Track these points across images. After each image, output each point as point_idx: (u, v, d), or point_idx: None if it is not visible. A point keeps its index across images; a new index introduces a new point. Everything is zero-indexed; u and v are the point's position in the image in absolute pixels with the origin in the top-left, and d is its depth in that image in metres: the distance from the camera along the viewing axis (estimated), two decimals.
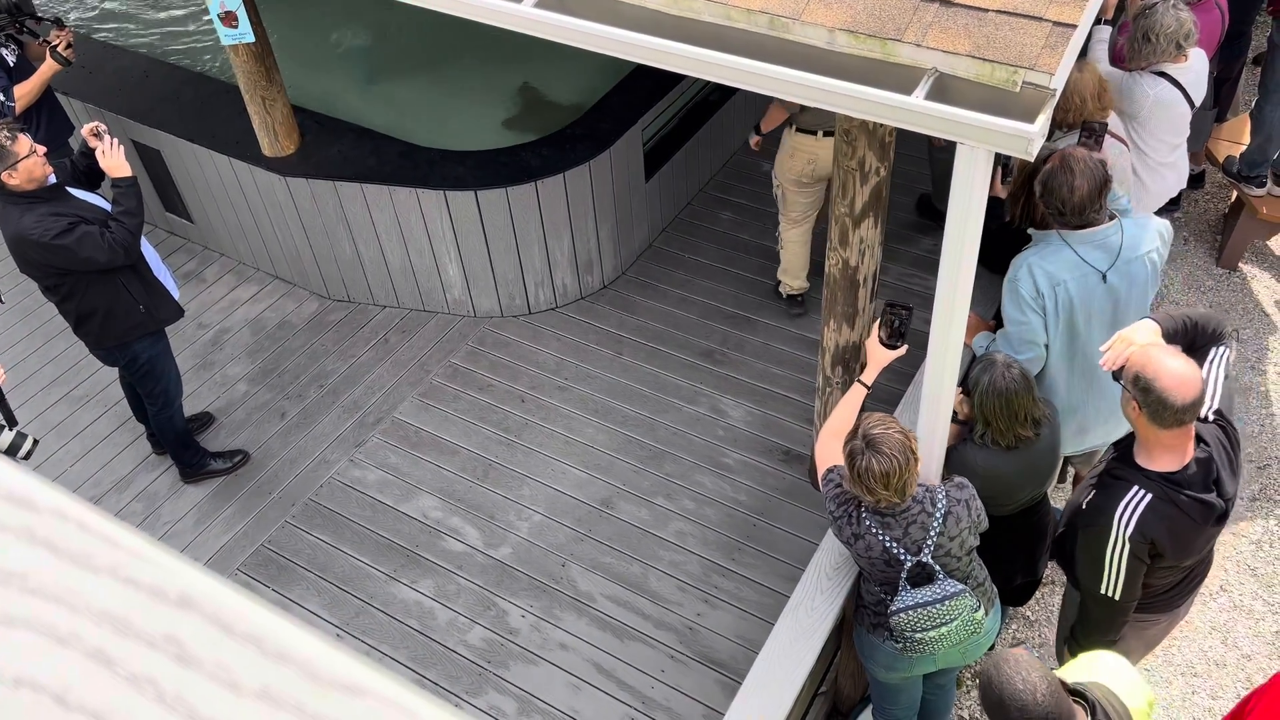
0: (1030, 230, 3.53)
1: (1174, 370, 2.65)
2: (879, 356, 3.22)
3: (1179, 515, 2.78)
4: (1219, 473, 2.79)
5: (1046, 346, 3.44)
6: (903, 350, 3.22)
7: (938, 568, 2.88)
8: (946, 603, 2.85)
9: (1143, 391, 2.69)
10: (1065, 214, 3.26)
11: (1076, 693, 2.36)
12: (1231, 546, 4.45)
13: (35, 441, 3.91)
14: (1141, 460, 2.84)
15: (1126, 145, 3.99)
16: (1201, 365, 2.97)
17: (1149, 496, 2.79)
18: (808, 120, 4.66)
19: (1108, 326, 3.40)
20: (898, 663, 3.17)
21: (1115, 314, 3.40)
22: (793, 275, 5.30)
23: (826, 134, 4.63)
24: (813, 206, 5.04)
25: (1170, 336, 2.98)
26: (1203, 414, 2.90)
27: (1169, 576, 3.01)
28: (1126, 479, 2.84)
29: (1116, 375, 2.84)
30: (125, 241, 3.95)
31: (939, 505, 2.87)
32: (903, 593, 2.88)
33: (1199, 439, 2.81)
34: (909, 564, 2.87)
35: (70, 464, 5.04)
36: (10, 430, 3.86)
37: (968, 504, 2.91)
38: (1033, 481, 3.24)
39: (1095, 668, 2.58)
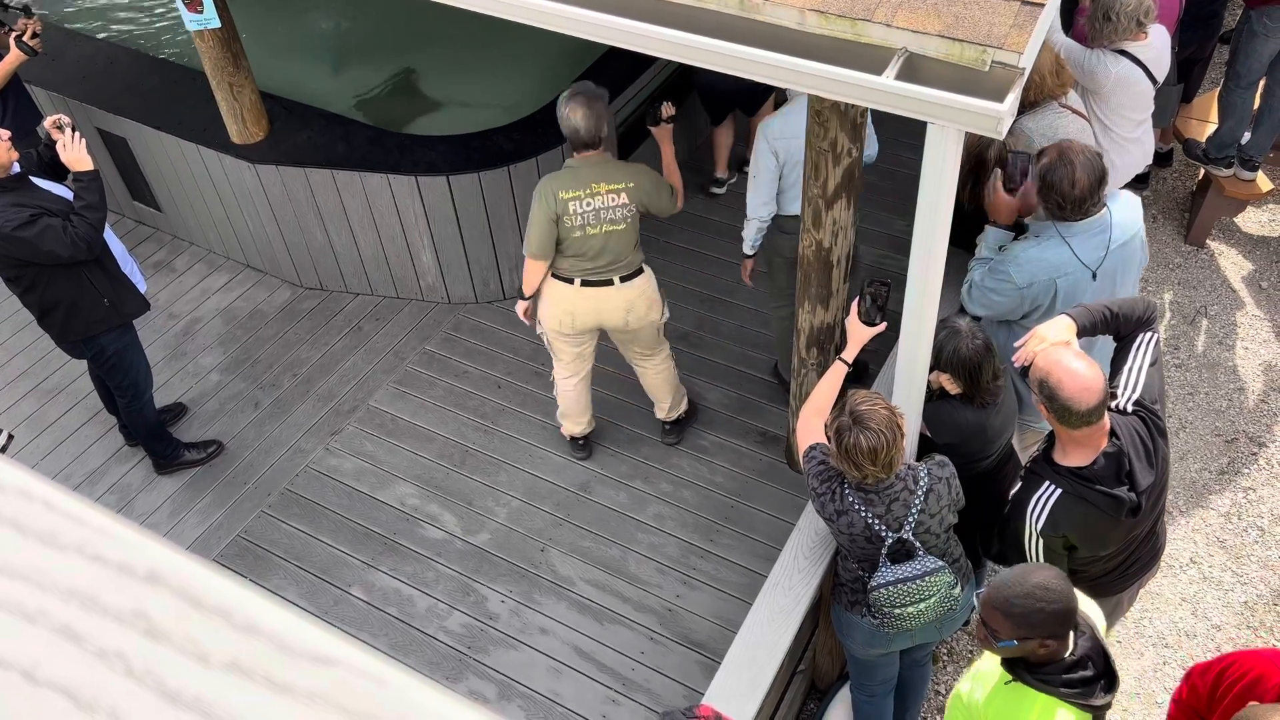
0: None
1: (1076, 375, 2.70)
2: (859, 333, 3.23)
3: (1088, 509, 2.84)
4: (1131, 465, 2.83)
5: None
6: (882, 327, 3.23)
7: (918, 544, 2.92)
8: (926, 579, 2.89)
9: (1048, 398, 2.75)
10: (1065, 207, 3.29)
11: None
12: (1201, 519, 4.53)
13: (10, 436, 3.87)
14: (1056, 455, 2.89)
15: (1088, 120, 4.04)
16: (1127, 352, 3.02)
17: (1058, 492, 2.85)
18: (565, 266, 4.03)
19: None
20: (875, 639, 3.21)
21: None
22: (572, 420, 4.62)
23: (586, 283, 4.03)
24: (584, 358, 4.39)
25: (1089, 330, 3.02)
26: (1120, 405, 2.94)
27: (1098, 565, 3.06)
28: (1040, 474, 2.91)
29: (1024, 372, 2.89)
30: (88, 236, 3.89)
31: (921, 483, 2.91)
32: (883, 568, 2.92)
33: (1112, 432, 2.84)
34: (890, 541, 2.91)
35: (41, 457, 4.98)
36: None
37: (948, 482, 2.96)
38: (1007, 426, 3.34)
39: None
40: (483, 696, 3.97)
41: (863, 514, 2.90)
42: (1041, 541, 2.91)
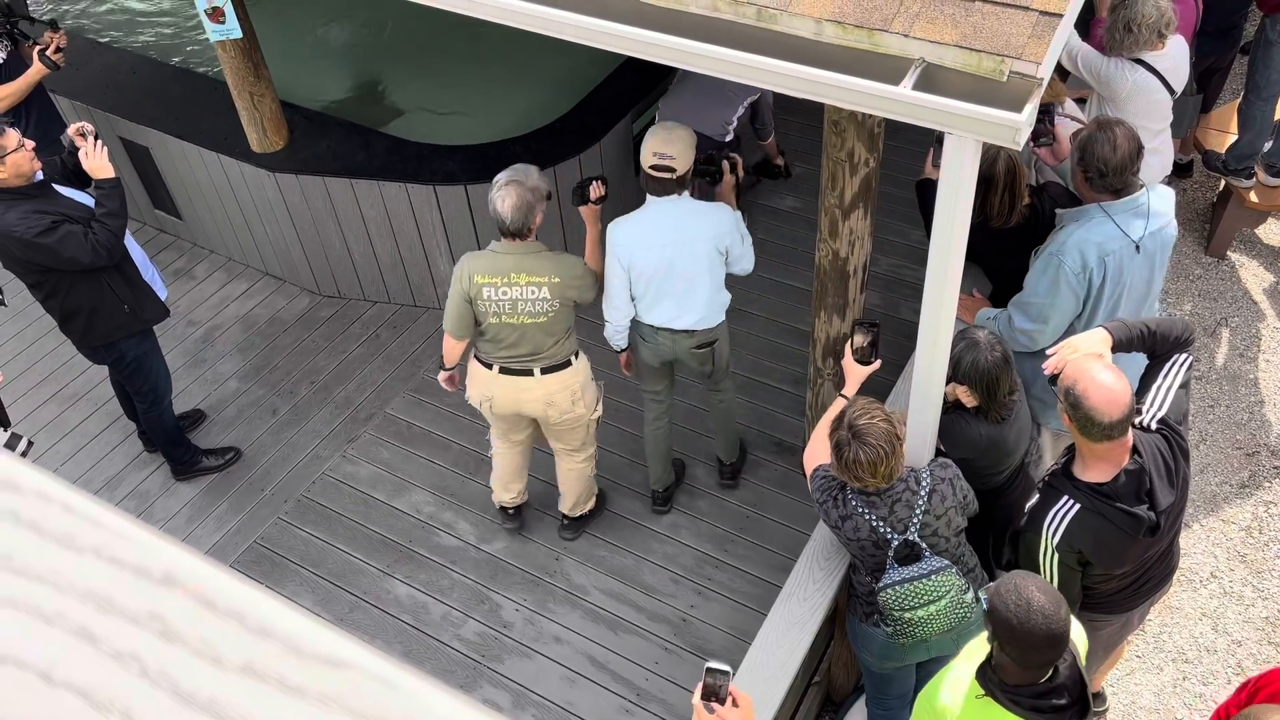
0: (1059, 210, 3.56)
1: (1103, 387, 2.68)
2: (856, 373, 3.33)
3: (1106, 526, 2.81)
4: (1152, 484, 2.80)
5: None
6: (877, 365, 3.33)
7: (925, 547, 2.91)
8: (933, 577, 2.88)
9: (1072, 406, 2.73)
10: (1107, 174, 3.30)
11: None
12: (1221, 533, 4.48)
13: (30, 442, 3.89)
14: (1076, 470, 2.87)
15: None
16: (1159, 371, 3.00)
17: (1076, 507, 2.83)
18: (484, 350, 3.84)
19: (1140, 296, 3.47)
20: (891, 651, 3.19)
21: (1151, 280, 3.48)
22: (500, 486, 4.37)
23: (505, 370, 3.82)
24: (516, 431, 4.15)
25: (1125, 345, 2.99)
26: (1145, 422, 2.92)
27: (1111, 582, 3.03)
28: (1059, 488, 2.88)
29: (1053, 380, 2.87)
30: (108, 243, 3.93)
31: (923, 484, 2.93)
32: (890, 570, 2.92)
33: (1134, 449, 2.82)
34: (895, 542, 2.90)
35: (61, 462, 5.02)
36: (4, 431, 3.84)
37: (952, 483, 2.96)
38: (1022, 440, 3.33)
39: None
40: (496, 705, 3.97)
41: (866, 517, 2.91)
42: (1057, 556, 2.88)
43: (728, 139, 5.02)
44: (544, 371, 3.83)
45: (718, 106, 4.95)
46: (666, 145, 3.64)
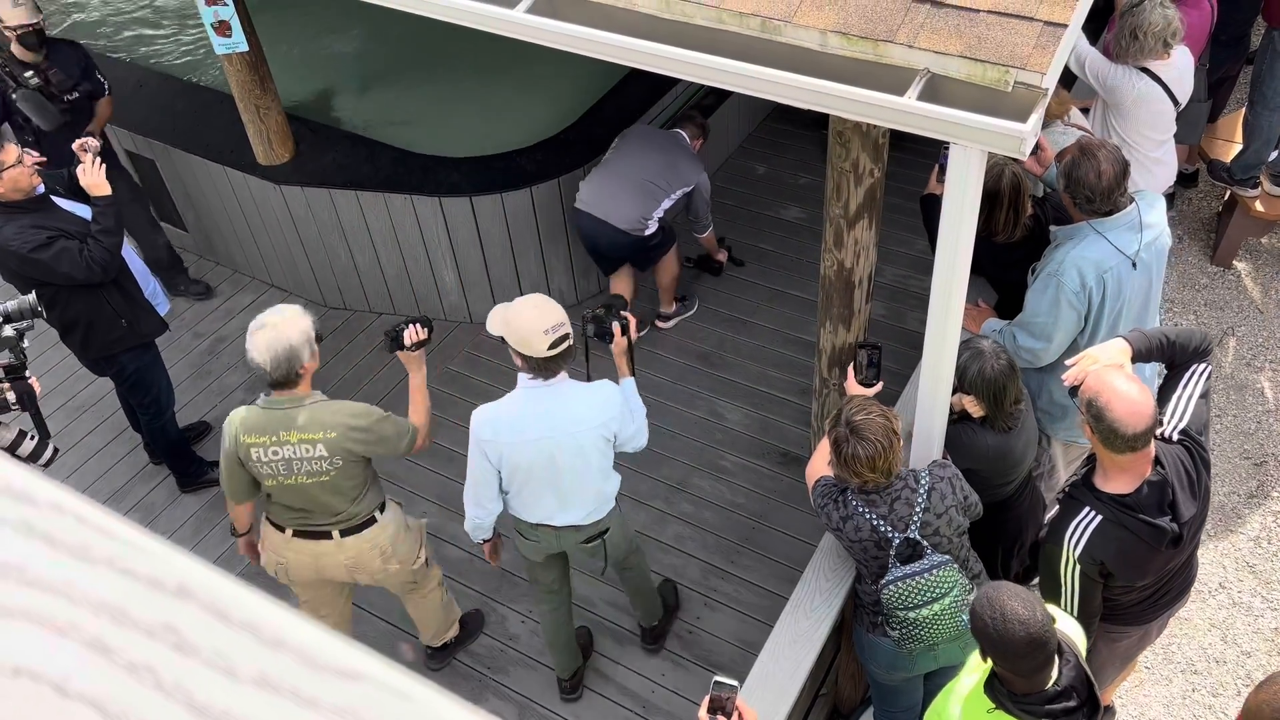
0: (1054, 228, 3.57)
1: (1126, 399, 2.66)
2: (858, 394, 3.34)
3: (1128, 538, 2.79)
4: (1174, 495, 2.79)
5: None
6: (879, 387, 3.36)
7: (926, 545, 2.90)
8: (934, 572, 2.87)
9: (1095, 418, 2.72)
10: (1095, 200, 3.30)
11: None
12: (1230, 543, 4.46)
13: (55, 449, 3.82)
14: (1098, 481, 2.85)
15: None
16: (1178, 381, 2.99)
17: (1098, 519, 2.81)
18: (274, 511, 3.35)
19: (1140, 309, 3.48)
20: (898, 662, 3.18)
21: (1149, 292, 3.49)
22: None
23: (300, 534, 3.33)
24: (326, 604, 3.65)
25: (1144, 356, 2.99)
26: (1166, 433, 2.91)
27: (1132, 594, 3.02)
28: (1080, 499, 2.87)
29: (1073, 392, 2.87)
30: (103, 260, 3.94)
31: (922, 482, 2.94)
32: (892, 569, 2.92)
33: (1156, 460, 2.81)
34: (896, 541, 2.90)
35: (67, 474, 5.03)
36: (48, 445, 3.77)
37: (951, 482, 2.97)
38: (1029, 450, 3.33)
39: None
40: (502, 718, 3.96)
41: (867, 516, 2.92)
42: (1078, 568, 2.86)
43: (647, 232, 4.66)
44: (344, 534, 3.34)
45: (637, 198, 4.59)
46: (553, 315, 3.04)
